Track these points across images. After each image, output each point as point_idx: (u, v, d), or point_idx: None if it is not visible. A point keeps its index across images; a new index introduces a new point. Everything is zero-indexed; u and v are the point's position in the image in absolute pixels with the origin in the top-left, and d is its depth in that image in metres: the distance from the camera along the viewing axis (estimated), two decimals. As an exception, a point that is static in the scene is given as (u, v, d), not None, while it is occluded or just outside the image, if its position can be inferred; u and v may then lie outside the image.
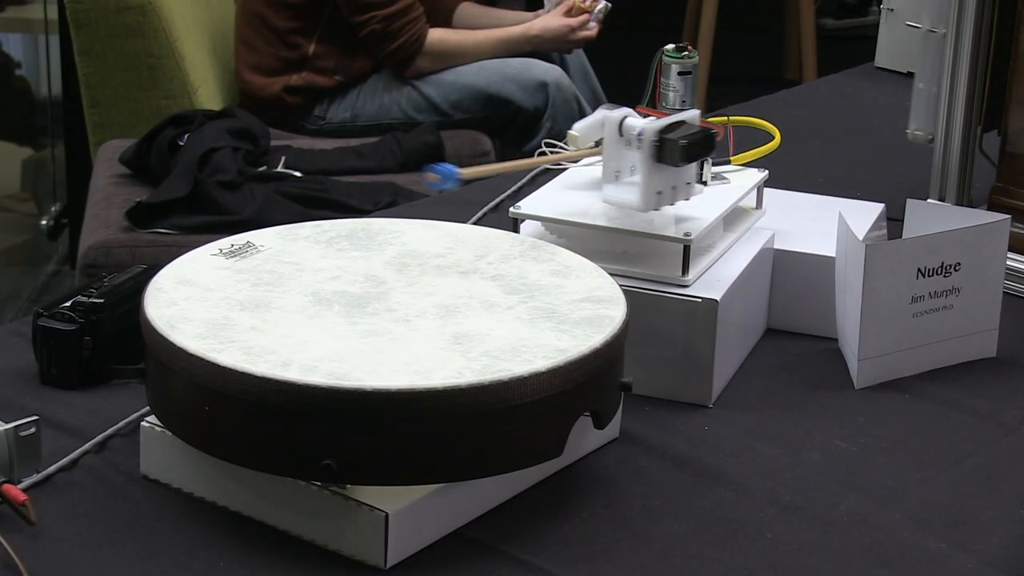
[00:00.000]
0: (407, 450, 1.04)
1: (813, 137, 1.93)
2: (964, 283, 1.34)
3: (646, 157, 1.25)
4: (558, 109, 3.07)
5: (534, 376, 1.06)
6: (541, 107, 3.08)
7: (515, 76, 3.10)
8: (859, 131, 1.95)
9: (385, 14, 2.96)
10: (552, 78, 3.09)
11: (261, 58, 3.03)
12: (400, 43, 2.96)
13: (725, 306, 1.27)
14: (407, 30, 2.97)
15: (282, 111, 3.02)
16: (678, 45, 1.43)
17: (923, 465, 1.22)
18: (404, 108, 3.06)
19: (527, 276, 1.20)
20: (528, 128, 3.10)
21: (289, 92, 3.02)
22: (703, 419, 1.27)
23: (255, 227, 1.28)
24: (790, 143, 1.61)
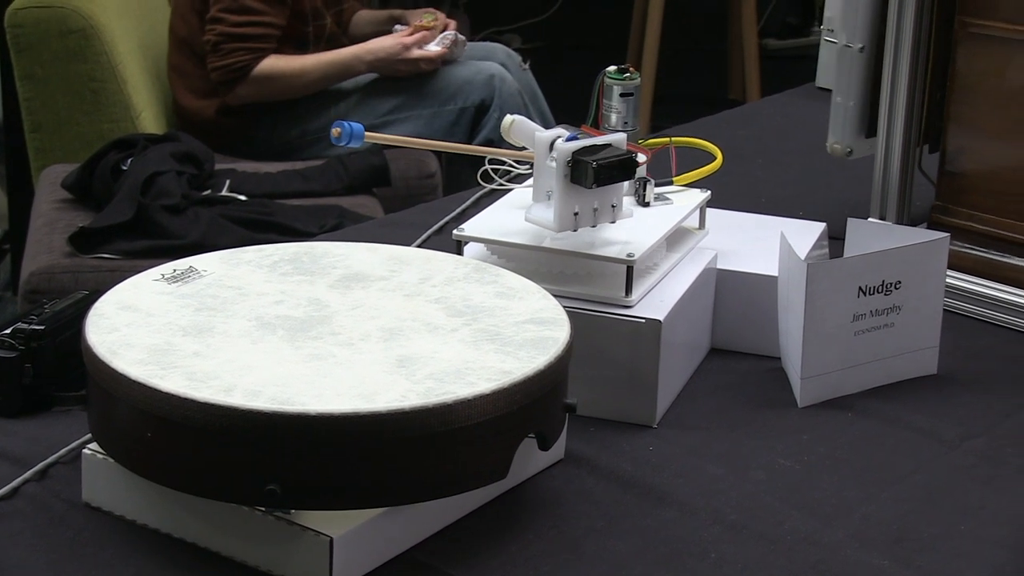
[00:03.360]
0: (351, 474, 1.04)
1: (756, 157, 1.94)
2: (905, 301, 1.36)
3: (560, 177, 1.26)
4: (505, 101, 3.08)
5: (478, 398, 1.06)
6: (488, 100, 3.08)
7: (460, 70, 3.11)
8: (801, 151, 1.96)
9: (224, 30, 2.95)
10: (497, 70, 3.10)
11: (192, 81, 3.04)
12: (225, 64, 2.95)
13: (669, 326, 1.28)
14: (236, 55, 2.95)
15: (221, 134, 3.02)
16: (620, 67, 1.44)
17: (866, 482, 1.23)
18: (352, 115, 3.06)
19: (471, 298, 1.20)
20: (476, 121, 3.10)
21: (224, 114, 3.02)
22: (648, 439, 1.28)
23: (200, 251, 1.28)
24: (733, 163, 1.62)
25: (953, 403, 1.35)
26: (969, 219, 1.54)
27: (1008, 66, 1.49)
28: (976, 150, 1.54)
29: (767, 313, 1.40)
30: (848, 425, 1.31)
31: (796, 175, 1.88)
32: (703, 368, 1.40)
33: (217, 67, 2.96)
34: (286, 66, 2.99)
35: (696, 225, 1.43)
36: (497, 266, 1.28)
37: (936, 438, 1.29)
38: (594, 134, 1.33)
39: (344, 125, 1.27)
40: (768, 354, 1.40)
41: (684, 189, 1.43)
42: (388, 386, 1.06)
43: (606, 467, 1.23)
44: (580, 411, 1.20)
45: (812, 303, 1.30)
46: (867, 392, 1.36)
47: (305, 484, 1.03)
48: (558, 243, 1.30)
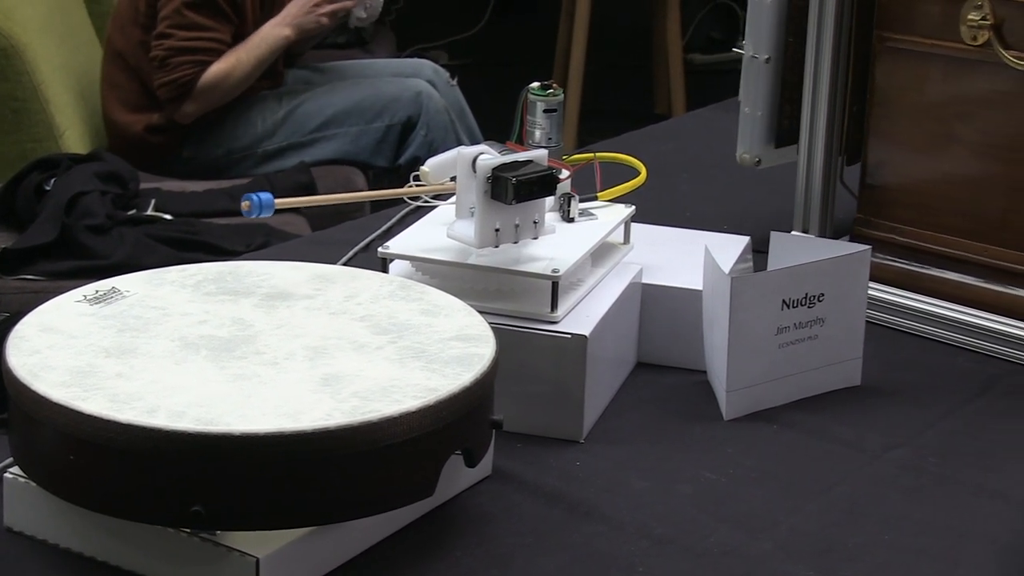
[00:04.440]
0: (277, 494, 1.03)
1: (680, 171, 1.95)
2: (828, 313, 1.37)
3: (480, 193, 1.26)
4: (432, 118, 3.08)
5: (404, 416, 1.06)
6: (415, 117, 3.08)
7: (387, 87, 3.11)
8: (725, 164, 1.96)
9: (172, 44, 2.94)
10: (424, 87, 3.11)
11: (124, 94, 3.02)
12: (172, 79, 2.94)
13: (594, 341, 1.28)
14: (183, 68, 2.94)
15: (147, 152, 3.00)
16: (543, 83, 1.45)
17: (792, 494, 1.23)
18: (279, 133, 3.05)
19: (396, 316, 1.20)
20: (402, 140, 3.10)
21: (151, 132, 3.00)
22: (575, 454, 1.28)
23: (126, 271, 1.27)
24: (658, 178, 1.63)
25: (876, 414, 1.36)
26: (890, 231, 1.56)
27: (926, 80, 1.51)
28: (896, 163, 1.55)
29: (692, 327, 1.40)
30: (773, 437, 1.32)
31: (720, 189, 1.89)
32: (629, 382, 1.41)
33: (165, 83, 2.94)
34: (222, 66, 2.98)
35: (621, 240, 1.44)
36: (423, 283, 1.28)
37: (860, 449, 1.30)
38: (518, 150, 1.33)
39: (253, 198, 1.25)
40: (694, 368, 1.41)
41: (609, 204, 1.44)
42: (313, 405, 1.06)
43: (533, 483, 1.23)
44: (507, 427, 1.20)
45: (736, 316, 1.31)
46: (792, 404, 1.37)
47: (230, 505, 1.03)
48: (483, 260, 1.30)
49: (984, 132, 1.49)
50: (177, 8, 2.93)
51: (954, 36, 1.47)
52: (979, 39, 1.46)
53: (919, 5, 1.50)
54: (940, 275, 1.53)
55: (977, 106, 1.49)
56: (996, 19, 1.45)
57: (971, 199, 1.51)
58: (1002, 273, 1.50)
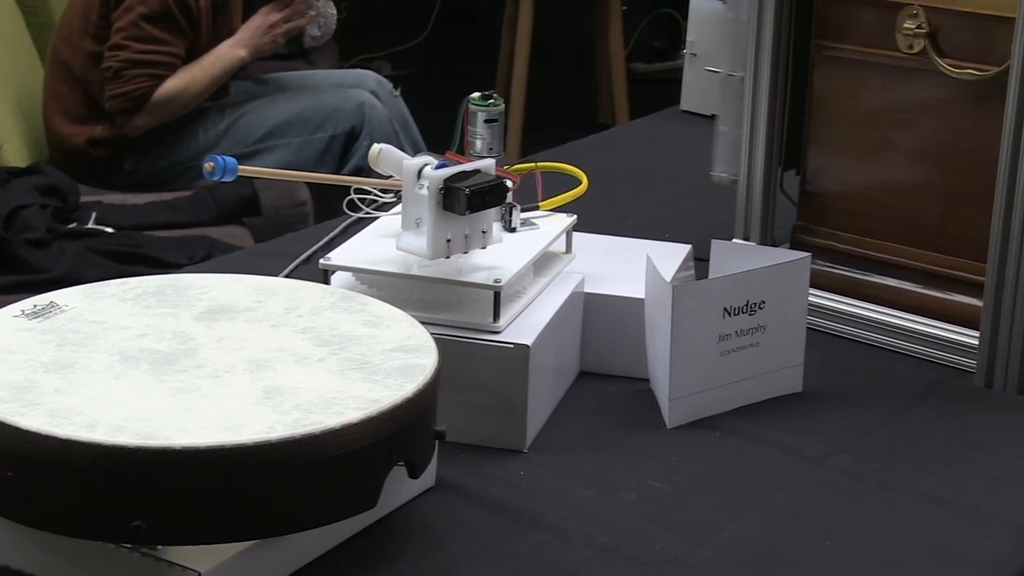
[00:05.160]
0: (219, 508, 1.03)
1: (622, 180, 1.96)
2: (769, 320, 1.37)
3: (432, 205, 1.26)
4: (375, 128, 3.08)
5: (346, 428, 1.06)
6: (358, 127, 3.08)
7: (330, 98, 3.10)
8: (667, 173, 1.98)
9: (128, 56, 2.92)
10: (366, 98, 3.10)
11: (67, 105, 3.00)
12: (126, 91, 2.92)
13: (537, 351, 1.29)
14: (137, 81, 2.93)
15: (89, 164, 2.98)
16: (484, 93, 1.45)
17: (734, 501, 1.24)
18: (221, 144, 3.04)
19: (338, 328, 1.20)
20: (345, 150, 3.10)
21: (93, 144, 2.98)
22: (519, 464, 1.28)
23: (66, 285, 1.26)
24: (599, 187, 1.63)
25: (817, 420, 1.37)
26: (830, 238, 1.57)
27: (864, 88, 1.52)
28: (835, 171, 1.57)
29: (635, 336, 1.41)
30: (716, 445, 1.33)
31: (662, 197, 1.90)
32: (572, 392, 1.41)
33: (118, 94, 2.92)
34: (177, 82, 2.97)
35: (563, 249, 1.44)
36: (364, 295, 1.28)
37: (801, 455, 1.31)
38: (459, 161, 1.33)
39: (217, 159, 1.25)
40: (637, 376, 1.42)
41: (550, 214, 1.44)
42: (255, 418, 1.05)
43: (477, 493, 1.23)
44: (450, 437, 1.20)
45: (678, 325, 1.32)
46: (734, 411, 1.37)
47: (171, 519, 1.02)
48: (425, 270, 1.30)
49: (921, 139, 1.50)
50: (134, 20, 2.91)
51: (890, 44, 1.49)
52: (915, 47, 1.47)
53: (856, 14, 1.51)
54: (879, 281, 1.54)
55: (914, 113, 1.50)
56: (931, 28, 1.46)
57: (909, 206, 1.52)
58: (941, 279, 1.51)
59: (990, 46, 1.43)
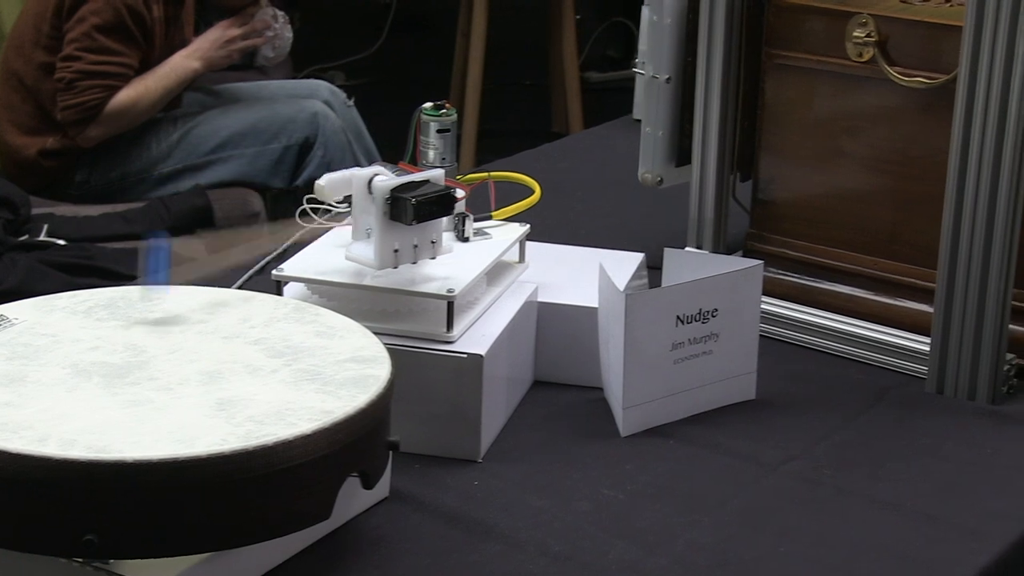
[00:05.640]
0: (172, 520, 1.02)
1: (575, 189, 1.96)
2: (722, 328, 1.38)
3: (380, 215, 1.26)
4: (329, 139, 3.07)
5: (299, 439, 1.05)
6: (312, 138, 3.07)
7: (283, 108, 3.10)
8: (620, 182, 1.98)
9: (81, 67, 2.91)
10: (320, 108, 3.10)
11: (18, 116, 2.98)
12: (79, 102, 2.90)
13: (491, 360, 1.29)
14: (91, 92, 2.91)
15: (41, 176, 2.96)
16: (436, 103, 1.45)
17: (688, 509, 1.24)
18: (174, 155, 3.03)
19: (291, 339, 1.20)
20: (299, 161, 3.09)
21: (45, 156, 2.96)
22: (473, 474, 1.28)
23: (17, 298, 1.25)
24: (553, 196, 1.64)
25: (771, 427, 1.38)
26: (782, 246, 1.58)
27: (814, 95, 1.53)
28: (787, 178, 1.57)
29: (588, 344, 1.41)
30: (670, 452, 1.33)
31: (615, 206, 1.90)
32: (526, 401, 1.41)
33: (70, 105, 2.90)
34: (130, 93, 2.95)
35: (516, 259, 1.44)
36: (318, 305, 1.27)
37: (755, 462, 1.32)
38: (412, 171, 1.33)
39: None
40: (590, 385, 1.42)
41: (503, 223, 1.44)
42: (208, 430, 1.05)
43: (431, 503, 1.23)
44: (404, 448, 1.19)
45: (631, 333, 1.32)
46: (688, 419, 1.38)
47: (124, 533, 1.02)
48: (378, 280, 1.30)
49: (872, 146, 1.51)
50: (87, 31, 2.89)
51: (840, 53, 1.50)
52: (864, 55, 1.48)
53: (806, 23, 1.52)
54: (832, 288, 1.55)
55: (864, 121, 1.51)
56: (881, 36, 1.47)
57: (860, 213, 1.53)
58: (892, 285, 1.52)
59: (938, 54, 1.44)
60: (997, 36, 1.33)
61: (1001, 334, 1.40)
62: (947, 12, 1.48)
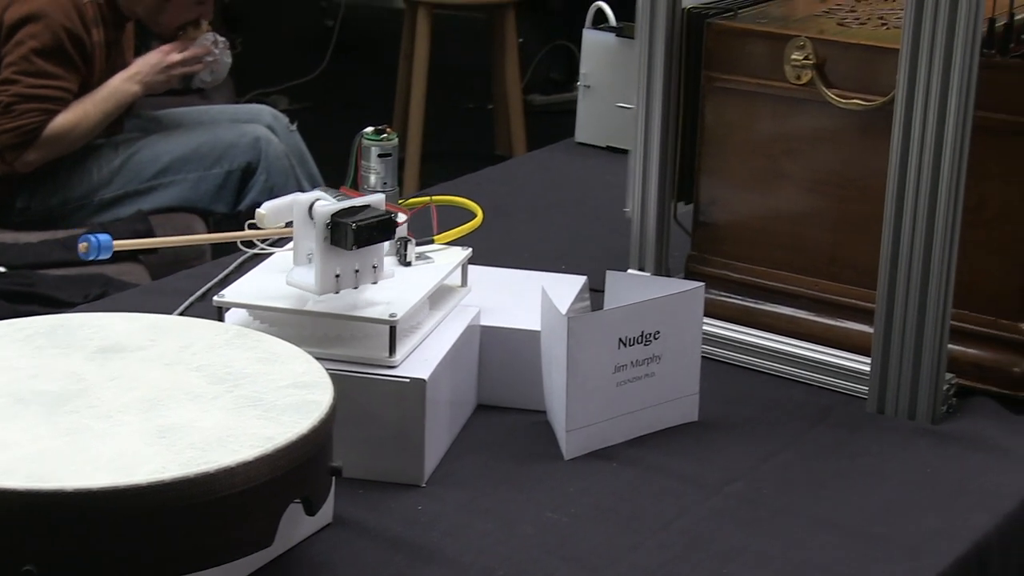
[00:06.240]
0: (112, 550, 1.01)
1: (518, 212, 1.96)
2: (664, 350, 1.38)
3: (320, 240, 1.26)
4: (271, 163, 3.07)
5: (241, 466, 1.05)
6: (254, 162, 3.07)
7: (226, 133, 3.09)
8: (562, 205, 1.99)
9: (18, 91, 2.89)
10: (262, 132, 3.09)
11: None
12: (16, 126, 2.88)
13: (433, 385, 1.29)
14: (29, 116, 2.90)
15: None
16: (377, 128, 1.45)
17: (632, 531, 1.25)
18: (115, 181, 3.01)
19: (232, 365, 1.19)
20: (242, 185, 3.08)
21: None
22: (417, 498, 1.28)
23: (-43, 326, 1.25)
24: (495, 219, 1.64)
25: (714, 448, 1.38)
26: (723, 268, 1.59)
27: (754, 118, 1.54)
28: (727, 200, 1.58)
29: (531, 368, 1.41)
30: (613, 475, 1.33)
31: (557, 229, 1.91)
32: (470, 424, 1.41)
33: (7, 129, 2.88)
34: (69, 117, 2.93)
35: (458, 283, 1.44)
36: (259, 331, 1.27)
37: (698, 484, 1.32)
38: (353, 195, 1.33)
39: (91, 239, 1.24)
40: (533, 408, 1.42)
41: (446, 247, 1.44)
42: (148, 458, 1.04)
43: (375, 529, 1.23)
44: (348, 473, 1.19)
45: (574, 356, 1.32)
46: (631, 441, 1.38)
47: (64, 563, 1.01)
48: (320, 306, 1.30)
49: (811, 168, 1.52)
50: (25, 55, 2.88)
51: (779, 76, 1.51)
52: (803, 78, 1.49)
53: (745, 46, 1.53)
54: (773, 310, 1.56)
55: (804, 143, 1.52)
56: (818, 59, 1.48)
57: (801, 234, 1.54)
58: (832, 306, 1.53)
59: (875, 76, 1.45)
60: (933, 58, 1.35)
61: (940, 354, 1.41)
62: (884, 35, 1.50)
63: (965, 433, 1.41)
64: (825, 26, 1.54)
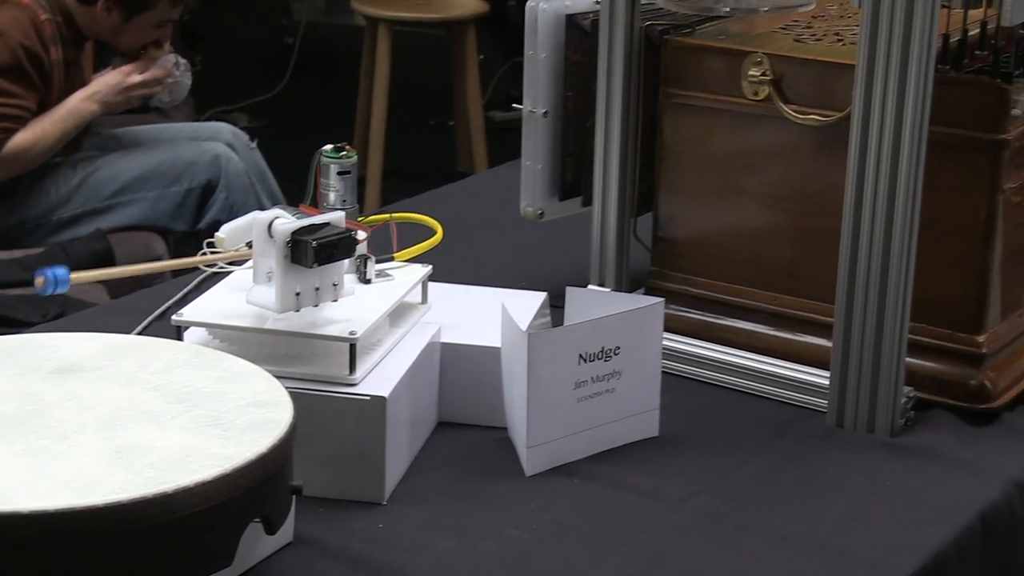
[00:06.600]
0: (71, 571, 1.01)
1: (479, 229, 1.96)
2: (624, 366, 1.39)
3: (280, 258, 1.26)
4: (231, 181, 3.06)
5: (200, 486, 1.04)
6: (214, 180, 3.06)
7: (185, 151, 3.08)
8: (522, 221, 1.98)
9: None
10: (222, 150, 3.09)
11: None
12: None
13: (394, 402, 1.28)
14: None
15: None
16: (336, 145, 1.45)
17: (594, 547, 1.25)
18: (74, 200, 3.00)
19: (191, 384, 1.19)
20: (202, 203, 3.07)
21: None
22: (378, 516, 1.28)
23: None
24: (456, 236, 1.64)
25: (675, 463, 1.38)
26: (683, 283, 1.59)
27: (712, 134, 1.55)
28: (686, 216, 1.59)
29: (492, 384, 1.41)
30: (575, 491, 1.33)
31: (518, 245, 1.91)
32: (431, 442, 1.41)
33: None
34: (27, 136, 2.92)
35: (418, 300, 1.44)
36: (218, 350, 1.27)
37: (660, 499, 1.32)
38: (312, 213, 1.33)
39: (47, 274, 1.23)
40: (494, 425, 1.42)
41: (406, 265, 1.44)
42: (106, 478, 1.04)
43: (336, 547, 1.22)
44: (308, 491, 1.19)
45: (534, 372, 1.32)
46: (592, 457, 1.38)
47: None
48: (280, 324, 1.30)
49: (769, 184, 1.53)
50: None
51: (737, 92, 1.51)
52: (760, 94, 1.50)
53: (702, 62, 1.54)
54: (732, 324, 1.57)
55: (761, 159, 1.53)
56: (775, 75, 1.49)
57: (759, 249, 1.55)
58: (791, 321, 1.54)
59: (832, 92, 1.46)
60: (889, 74, 1.36)
61: (898, 367, 1.42)
62: (840, 51, 1.51)
63: (923, 446, 1.42)
64: (782, 42, 1.54)
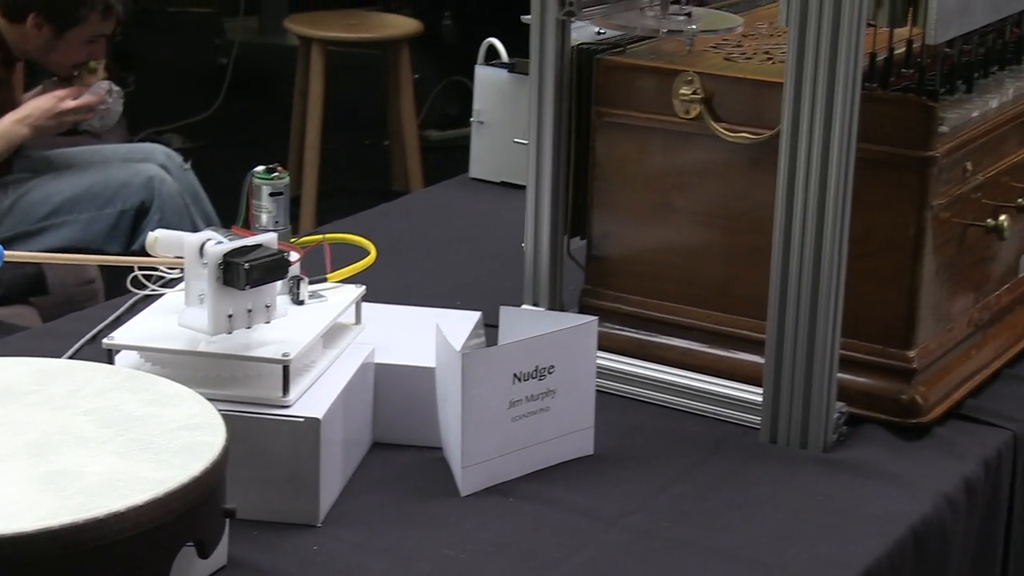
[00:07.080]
0: (0, 599, 1.00)
1: (413, 249, 1.96)
2: (559, 384, 1.39)
3: (212, 280, 1.25)
4: (165, 202, 3.04)
5: (132, 510, 1.04)
6: (147, 202, 3.04)
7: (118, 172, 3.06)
8: (457, 241, 1.99)
9: None
10: (155, 172, 3.07)
11: None
12: None
13: (328, 424, 1.28)
14: None
15: None
16: (268, 167, 1.45)
17: (530, 566, 1.25)
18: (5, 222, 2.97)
19: (123, 408, 1.18)
20: (135, 225, 3.06)
21: None
22: (312, 538, 1.27)
23: None
24: (390, 256, 1.64)
25: (610, 481, 1.39)
26: (616, 301, 1.60)
27: (644, 153, 1.56)
28: (619, 234, 1.59)
29: (427, 404, 1.41)
30: (510, 510, 1.33)
31: (452, 265, 1.91)
32: (366, 462, 1.40)
33: None
34: None
35: (352, 320, 1.44)
36: (151, 373, 1.26)
37: (595, 517, 1.32)
38: (245, 235, 1.33)
39: None
40: (430, 445, 1.42)
41: (339, 285, 1.44)
42: (35, 504, 1.03)
43: (270, 570, 1.22)
44: (242, 514, 1.18)
45: (468, 392, 1.32)
46: (527, 476, 1.38)
47: (-50, 613, 0.99)
48: (212, 346, 1.29)
49: (701, 202, 1.54)
50: None
51: (668, 110, 1.52)
52: (691, 112, 1.51)
53: (634, 81, 1.55)
54: (666, 342, 1.57)
55: (694, 177, 1.54)
56: (706, 93, 1.50)
57: (692, 267, 1.56)
58: (724, 338, 1.55)
59: (762, 110, 1.47)
60: (816, 92, 1.37)
61: (831, 383, 1.43)
62: (769, 69, 1.52)
63: (855, 461, 1.43)
64: (712, 61, 1.55)
